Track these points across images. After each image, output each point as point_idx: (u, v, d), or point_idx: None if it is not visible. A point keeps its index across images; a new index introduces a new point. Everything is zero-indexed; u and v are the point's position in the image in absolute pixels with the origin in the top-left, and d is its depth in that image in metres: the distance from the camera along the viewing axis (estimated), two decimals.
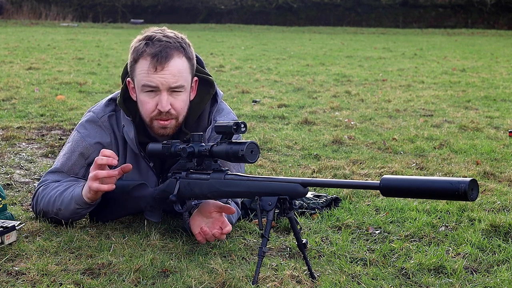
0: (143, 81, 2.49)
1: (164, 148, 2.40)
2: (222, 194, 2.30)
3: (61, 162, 2.69)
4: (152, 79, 2.47)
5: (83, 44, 14.71)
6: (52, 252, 2.36)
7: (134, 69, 2.53)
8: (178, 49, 2.50)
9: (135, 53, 2.52)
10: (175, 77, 2.49)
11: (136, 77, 2.52)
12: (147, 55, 2.47)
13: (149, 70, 2.47)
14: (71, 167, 2.67)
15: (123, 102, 2.62)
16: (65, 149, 2.71)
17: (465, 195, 1.84)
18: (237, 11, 28.85)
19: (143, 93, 2.51)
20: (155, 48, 2.47)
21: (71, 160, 2.67)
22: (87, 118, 2.70)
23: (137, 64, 2.51)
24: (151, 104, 2.51)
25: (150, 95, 2.50)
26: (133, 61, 2.53)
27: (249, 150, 2.19)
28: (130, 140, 2.62)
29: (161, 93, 2.49)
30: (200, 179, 2.33)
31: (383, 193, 1.97)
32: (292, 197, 2.15)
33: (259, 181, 2.20)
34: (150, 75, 2.47)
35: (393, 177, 1.97)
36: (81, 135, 2.67)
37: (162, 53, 2.46)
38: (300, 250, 2.21)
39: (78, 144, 2.67)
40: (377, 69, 10.35)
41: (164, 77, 2.47)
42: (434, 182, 1.91)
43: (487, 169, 3.69)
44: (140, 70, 2.50)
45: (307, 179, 2.18)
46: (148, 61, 2.47)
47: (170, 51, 2.48)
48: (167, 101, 2.49)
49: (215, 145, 2.27)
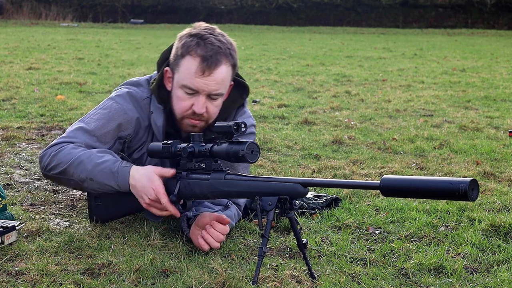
0: (186, 81, 2.47)
1: (164, 148, 2.40)
2: (223, 194, 2.30)
3: (95, 125, 2.55)
4: (195, 83, 2.45)
5: (83, 44, 14.71)
6: (52, 252, 2.36)
7: (178, 63, 2.50)
8: (227, 57, 2.48)
9: (184, 48, 2.47)
10: (218, 85, 2.48)
11: (179, 72, 2.49)
12: (197, 56, 2.44)
13: (196, 73, 2.44)
14: (105, 134, 2.56)
15: (157, 89, 2.58)
16: (99, 114, 2.58)
17: (465, 195, 1.84)
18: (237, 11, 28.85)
19: (181, 90, 2.50)
20: (207, 52, 2.43)
21: (107, 127, 2.56)
22: (128, 91, 2.62)
23: (183, 60, 2.48)
24: (186, 103, 2.50)
25: (188, 94, 2.49)
26: (180, 55, 2.49)
27: (250, 150, 2.19)
28: (156, 128, 2.59)
29: (199, 96, 2.47)
30: (200, 179, 2.33)
31: (383, 193, 1.97)
32: (292, 197, 2.15)
33: (259, 181, 2.20)
34: (195, 78, 2.45)
35: (393, 177, 1.97)
36: (122, 106, 2.58)
37: (213, 59, 2.43)
38: (300, 250, 2.21)
39: (118, 114, 2.57)
40: (377, 69, 10.35)
41: (207, 83, 2.46)
42: (434, 182, 1.91)
43: (487, 169, 3.69)
44: (185, 68, 2.47)
45: (307, 179, 2.17)
46: (196, 62, 2.44)
47: (220, 58, 2.45)
48: (203, 105, 2.48)
49: (216, 145, 2.27)
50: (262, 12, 28.69)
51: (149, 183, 2.37)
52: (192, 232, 2.48)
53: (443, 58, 12.82)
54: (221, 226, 2.43)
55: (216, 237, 2.41)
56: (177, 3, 29.01)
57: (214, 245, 2.41)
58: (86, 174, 2.45)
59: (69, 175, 2.48)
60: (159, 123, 2.58)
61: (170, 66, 2.56)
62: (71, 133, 2.56)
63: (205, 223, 2.44)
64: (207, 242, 2.41)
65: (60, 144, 2.52)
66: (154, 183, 2.37)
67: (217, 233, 2.41)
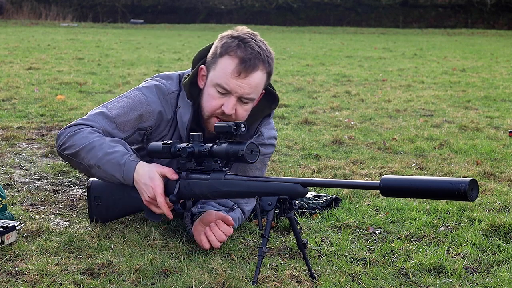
0: (220, 80, 2.47)
1: (164, 148, 2.40)
2: (222, 194, 2.30)
3: (116, 112, 2.57)
4: (229, 83, 2.45)
5: (83, 44, 14.71)
6: (52, 252, 2.36)
7: (215, 62, 2.50)
8: (265, 63, 2.48)
9: (223, 48, 2.47)
10: (251, 89, 2.48)
11: (215, 71, 2.49)
12: (236, 57, 2.44)
13: (232, 73, 2.44)
14: (125, 123, 2.57)
15: (189, 85, 2.58)
16: (123, 102, 2.60)
17: (465, 195, 1.84)
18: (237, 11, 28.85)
19: (213, 88, 2.50)
20: (247, 54, 2.44)
21: (128, 116, 2.57)
22: (156, 84, 2.63)
23: (221, 60, 2.48)
24: (217, 102, 2.49)
25: (220, 94, 2.49)
26: (218, 54, 2.49)
27: (249, 150, 2.19)
28: (181, 123, 2.59)
29: (231, 97, 2.48)
30: (200, 179, 2.33)
31: (383, 193, 1.97)
32: (292, 197, 2.15)
33: (259, 181, 2.20)
34: (230, 78, 2.45)
35: (393, 177, 1.97)
36: (147, 98, 2.59)
37: (251, 62, 2.44)
38: (300, 250, 2.22)
39: (141, 105, 2.58)
40: (377, 69, 10.35)
41: (241, 85, 2.46)
42: (434, 182, 1.91)
43: (487, 169, 3.69)
44: (221, 67, 2.47)
45: (307, 179, 2.17)
46: (234, 63, 2.44)
47: (258, 63, 2.46)
48: (233, 106, 2.48)
49: (215, 145, 2.27)
50: (262, 12, 28.69)
51: (150, 181, 2.38)
52: (195, 228, 2.48)
53: (443, 58, 12.82)
54: (225, 226, 2.43)
55: (218, 236, 2.41)
56: (177, 3, 29.02)
57: (215, 244, 2.41)
58: (95, 161, 2.46)
59: (80, 158, 2.49)
60: (186, 119, 2.58)
61: (206, 64, 2.56)
62: (92, 116, 2.57)
63: (210, 220, 2.44)
64: (209, 240, 2.41)
65: (79, 126, 2.54)
66: (154, 182, 2.37)
67: (220, 232, 2.42)
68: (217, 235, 2.41)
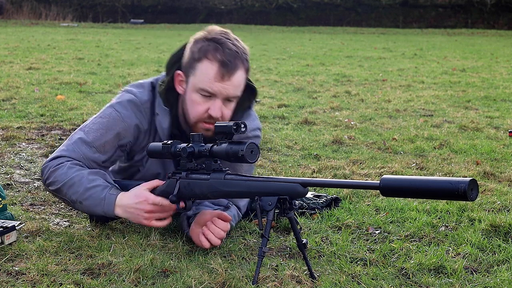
0: (204, 85, 2.45)
1: (164, 148, 2.40)
2: (222, 194, 2.30)
3: (93, 136, 2.57)
4: (213, 87, 2.44)
5: (83, 44, 14.71)
6: (52, 252, 2.36)
7: (194, 66, 2.48)
8: (243, 61, 2.48)
9: (201, 52, 2.46)
10: (235, 88, 2.48)
11: (195, 76, 2.48)
12: (216, 61, 2.43)
13: (215, 78, 2.43)
14: (103, 144, 2.57)
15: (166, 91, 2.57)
16: (98, 123, 2.59)
17: (465, 195, 1.84)
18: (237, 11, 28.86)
19: (197, 94, 2.48)
20: (226, 57, 2.43)
21: (105, 137, 2.57)
22: (128, 99, 2.61)
23: (200, 64, 2.46)
24: (202, 107, 2.48)
25: (204, 98, 2.47)
26: (196, 59, 2.47)
27: (249, 150, 2.19)
28: (162, 130, 2.58)
29: (216, 100, 2.47)
30: (200, 179, 2.33)
31: (382, 193, 1.97)
32: (292, 197, 2.15)
33: (259, 181, 2.20)
34: (213, 82, 2.44)
35: (393, 177, 1.97)
36: (121, 115, 2.58)
37: (232, 64, 2.43)
38: (300, 250, 2.21)
39: (116, 123, 2.58)
40: (377, 69, 10.35)
41: (225, 87, 2.45)
42: (434, 182, 1.91)
43: (487, 169, 3.69)
44: (202, 72, 2.45)
45: (307, 179, 2.17)
46: (215, 67, 2.43)
47: (238, 62, 2.45)
48: (220, 108, 2.48)
49: (215, 145, 2.27)
50: (262, 12, 28.69)
51: (138, 197, 2.43)
52: (192, 231, 2.48)
53: (443, 58, 12.82)
54: (222, 223, 2.44)
55: (217, 233, 2.41)
56: (177, 3, 29.01)
57: (215, 242, 2.41)
58: (76, 197, 2.50)
59: (63, 194, 2.54)
60: (165, 125, 2.57)
61: (183, 70, 2.54)
62: (71, 146, 2.58)
63: (206, 220, 2.45)
64: (207, 238, 2.41)
65: (59, 159, 2.55)
66: (143, 194, 2.42)
67: (218, 229, 2.42)
68: (215, 232, 2.41)
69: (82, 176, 2.50)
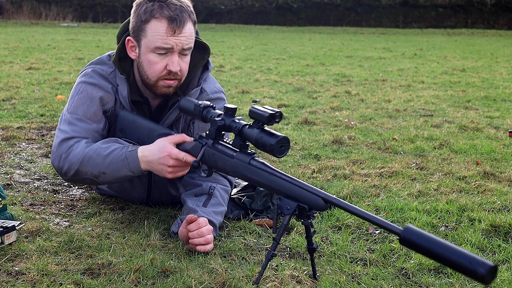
0: (158, 43, 2.51)
1: (196, 109, 2.37)
2: (243, 178, 2.26)
3: (82, 110, 2.61)
4: (168, 41, 2.51)
5: (83, 44, 14.71)
6: (52, 252, 2.37)
7: (143, 29, 2.54)
8: (190, 15, 2.56)
9: (146, 14, 2.52)
10: (188, 39, 2.55)
11: (147, 37, 2.54)
12: (163, 18, 2.50)
13: (167, 33, 2.50)
14: (95, 113, 2.62)
15: (118, 60, 2.65)
16: (78, 99, 2.63)
17: (482, 279, 1.72)
18: (237, 11, 28.86)
19: (153, 54, 2.54)
20: (172, 12, 2.50)
21: (93, 106, 2.62)
22: (93, 70, 2.68)
23: (149, 25, 2.52)
24: (160, 65, 2.55)
25: (160, 56, 2.54)
26: (143, 21, 2.53)
27: (279, 145, 2.12)
28: (123, 98, 2.66)
29: (173, 54, 2.54)
30: (226, 154, 2.30)
31: (401, 241, 1.87)
32: (311, 207, 2.08)
33: (284, 180, 2.13)
34: (167, 37, 2.50)
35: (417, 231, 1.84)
36: (94, 82, 2.64)
37: (179, 17, 2.50)
38: (309, 253, 2.20)
39: (94, 91, 2.63)
40: (377, 69, 10.35)
41: (180, 39, 2.52)
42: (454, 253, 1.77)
43: (487, 169, 3.69)
44: (154, 31, 2.52)
45: (330, 196, 2.05)
46: (164, 24, 2.50)
47: (185, 15, 2.53)
48: (178, 62, 2.55)
49: (247, 127, 2.22)
50: (262, 12, 28.69)
51: (161, 152, 2.42)
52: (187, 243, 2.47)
53: (443, 58, 12.82)
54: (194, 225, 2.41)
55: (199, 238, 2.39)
56: None
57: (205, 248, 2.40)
58: (98, 169, 2.50)
59: (84, 173, 2.53)
60: (124, 93, 2.65)
61: (133, 35, 2.60)
62: (68, 127, 2.60)
63: (184, 235, 2.44)
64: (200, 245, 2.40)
65: (66, 143, 2.56)
66: (166, 149, 2.41)
67: (196, 233, 2.40)
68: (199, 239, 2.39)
69: (95, 148, 2.51)
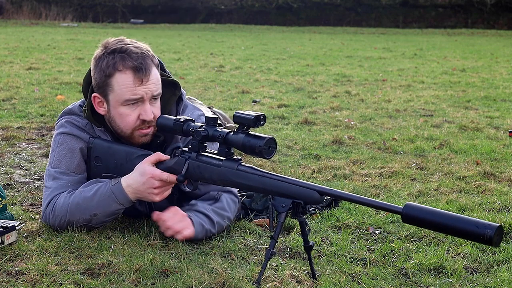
0: (127, 95, 2.47)
1: (176, 125, 2.36)
2: (233, 184, 2.26)
3: (65, 163, 2.60)
4: (137, 92, 2.46)
5: (83, 44, 14.71)
6: (52, 252, 2.36)
7: (108, 84, 2.49)
8: (152, 59, 2.52)
9: (109, 68, 2.47)
10: (156, 85, 2.51)
11: (114, 92, 2.48)
12: (127, 69, 2.45)
13: (135, 83, 2.45)
14: (78, 165, 2.61)
15: (92, 115, 2.60)
16: (60, 151, 2.62)
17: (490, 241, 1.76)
18: (237, 11, 28.85)
19: (123, 107, 2.50)
20: (135, 61, 2.45)
21: (75, 158, 2.61)
22: (68, 121, 2.65)
23: (114, 79, 2.47)
24: (133, 116, 2.51)
25: (132, 107, 2.50)
26: (107, 75, 2.48)
27: (267, 146, 2.12)
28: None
29: (144, 103, 2.49)
30: (212, 164, 2.28)
31: (403, 219, 1.91)
32: (306, 202, 2.09)
33: (275, 179, 2.13)
34: (136, 88, 2.46)
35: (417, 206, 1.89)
36: (72, 132, 2.62)
37: (144, 65, 2.46)
38: (305, 251, 2.20)
39: (74, 142, 2.61)
40: (377, 69, 10.35)
41: (149, 87, 2.48)
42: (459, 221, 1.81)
43: (487, 169, 3.69)
44: (121, 85, 2.47)
45: (325, 188, 2.08)
46: (130, 75, 2.45)
47: (148, 62, 2.48)
48: (150, 110, 2.50)
49: (231, 133, 2.21)
50: (262, 12, 28.69)
51: (144, 176, 2.41)
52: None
53: (443, 58, 12.81)
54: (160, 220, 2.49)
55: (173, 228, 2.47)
56: (177, 3, 29.01)
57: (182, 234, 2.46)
58: (88, 213, 2.50)
59: (76, 221, 2.53)
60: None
61: (98, 91, 2.54)
62: (52, 182, 2.59)
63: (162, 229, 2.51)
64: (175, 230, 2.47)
65: (52, 201, 2.56)
66: (147, 171, 2.40)
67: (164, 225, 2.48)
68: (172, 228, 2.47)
69: (79, 194, 2.52)
